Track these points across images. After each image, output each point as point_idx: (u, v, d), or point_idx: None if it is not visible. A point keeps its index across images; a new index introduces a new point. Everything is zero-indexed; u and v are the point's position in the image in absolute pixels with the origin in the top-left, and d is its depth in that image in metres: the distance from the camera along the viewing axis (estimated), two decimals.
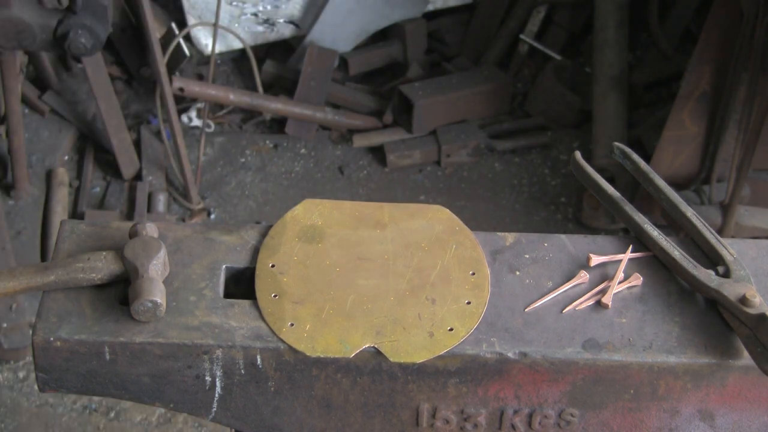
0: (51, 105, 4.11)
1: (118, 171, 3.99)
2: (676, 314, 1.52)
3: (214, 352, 1.46)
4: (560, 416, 1.52)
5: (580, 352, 1.47)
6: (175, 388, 1.49)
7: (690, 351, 1.47)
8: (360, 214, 1.64)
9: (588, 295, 1.54)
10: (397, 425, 1.53)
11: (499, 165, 4.23)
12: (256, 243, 1.59)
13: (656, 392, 1.49)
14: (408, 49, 4.50)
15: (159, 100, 3.92)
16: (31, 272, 1.49)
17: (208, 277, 1.54)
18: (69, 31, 2.89)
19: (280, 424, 1.53)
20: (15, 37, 2.95)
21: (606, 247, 1.61)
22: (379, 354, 1.45)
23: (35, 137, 4.05)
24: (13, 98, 3.44)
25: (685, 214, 1.63)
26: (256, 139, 4.32)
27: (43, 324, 1.46)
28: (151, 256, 1.49)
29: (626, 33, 4.22)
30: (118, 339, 1.45)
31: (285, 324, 1.47)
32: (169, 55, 4.06)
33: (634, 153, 1.70)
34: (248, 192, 4.08)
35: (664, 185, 1.67)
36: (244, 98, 4.20)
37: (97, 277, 1.50)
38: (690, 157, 3.68)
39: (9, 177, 3.79)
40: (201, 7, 4.40)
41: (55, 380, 1.48)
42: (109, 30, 2.98)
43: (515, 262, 1.59)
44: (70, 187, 3.94)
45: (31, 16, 2.92)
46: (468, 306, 1.51)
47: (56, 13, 2.95)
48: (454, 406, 1.51)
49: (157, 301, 1.44)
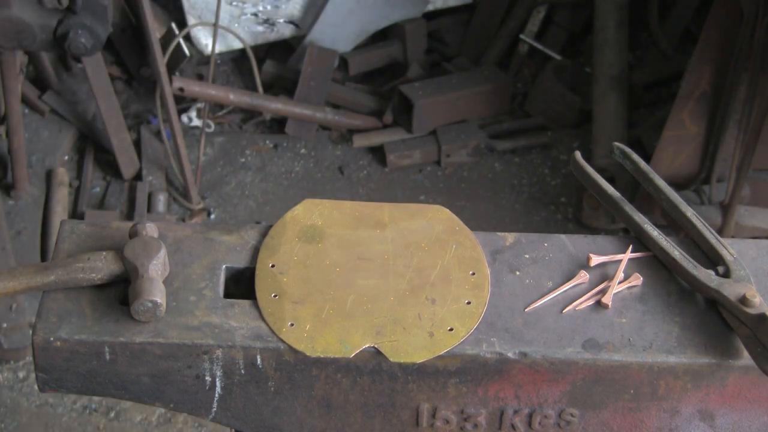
0: (51, 105, 4.11)
1: (118, 171, 3.99)
2: (676, 314, 1.52)
3: (214, 352, 1.46)
4: (560, 416, 1.52)
5: (580, 352, 1.46)
6: (175, 388, 1.49)
7: (690, 351, 1.47)
8: (360, 214, 1.64)
9: (588, 295, 1.54)
10: (397, 425, 1.53)
11: (499, 165, 4.23)
12: (256, 243, 1.59)
13: (656, 392, 1.49)
14: (408, 49, 4.50)
15: (159, 100, 3.92)
16: (31, 272, 1.49)
17: (208, 277, 1.54)
18: (69, 31, 2.89)
19: (280, 424, 1.53)
20: (15, 37, 2.95)
21: (606, 247, 1.61)
22: (379, 354, 1.45)
23: (35, 137, 4.05)
24: (13, 98, 3.44)
25: (685, 214, 1.63)
26: (256, 139, 4.32)
27: (43, 324, 1.46)
28: (151, 256, 1.49)
29: (626, 33, 4.22)
30: (118, 339, 1.45)
31: (285, 324, 1.47)
32: (169, 55, 4.06)
33: (634, 153, 1.70)
34: (248, 192, 4.08)
35: (664, 185, 1.67)
36: (244, 98, 4.20)
37: (97, 277, 1.50)
38: (690, 157, 3.68)
39: (9, 177, 3.78)
40: (201, 7, 4.40)
41: (55, 380, 1.48)
42: (109, 30, 2.98)
43: (515, 262, 1.59)
44: (70, 187, 3.94)
45: (31, 16, 2.92)
46: (468, 306, 1.51)
47: (56, 13, 2.95)
48: (454, 406, 1.51)
49: (157, 301, 1.44)
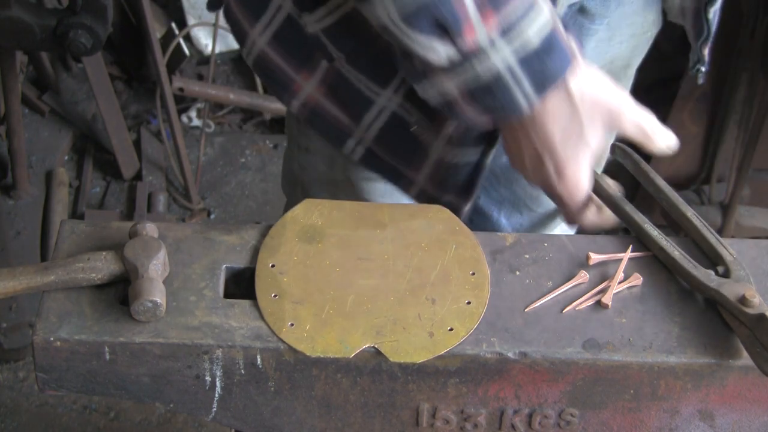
0: (51, 105, 4.11)
1: (118, 171, 3.99)
2: (676, 314, 1.52)
3: (214, 352, 1.45)
4: (560, 416, 1.52)
5: (580, 352, 1.46)
6: (175, 388, 1.49)
7: (690, 351, 1.47)
8: (360, 214, 1.64)
9: (588, 295, 1.54)
10: (397, 425, 1.53)
11: None
12: (256, 243, 1.59)
13: (656, 392, 1.49)
14: None
15: (159, 100, 3.92)
16: (31, 272, 1.49)
17: (208, 277, 1.54)
18: (69, 31, 2.89)
19: (280, 424, 1.53)
20: (15, 37, 2.95)
21: (606, 247, 1.61)
22: (379, 354, 1.45)
23: (35, 137, 4.05)
24: (13, 98, 3.44)
25: (685, 214, 1.63)
26: (256, 139, 4.32)
27: (43, 324, 1.46)
28: (151, 256, 1.49)
29: None
30: (118, 339, 1.45)
31: (285, 324, 1.47)
32: (169, 55, 4.06)
33: (634, 153, 1.70)
34: (248, 192, 4.08)
35: (665, 185, 1.67)
36: (244, 98, 4.21)
37: (97, 277, 1.50)
38: (690, 157, 3.68)
39: (9, 177, 3.79)
40: (201, 7, 4.40)
41: (55, 380, 1.48)
42: (109, 30, 2.98)
43: (515, 262, 1.59)
44: (70, 187, 3.94)
45: (31, 16, 2.92)
46: (468, 306, 1.51)
47: (56, 13, 2.95)
48: (454, 406, 1.51)
49: (157, 301, 1.44)
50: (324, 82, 1.73)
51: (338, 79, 1.71)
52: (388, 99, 1.68)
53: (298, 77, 1.74)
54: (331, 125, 1.77)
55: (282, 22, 1.71)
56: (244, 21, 1.78)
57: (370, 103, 1.70)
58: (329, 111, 1.75)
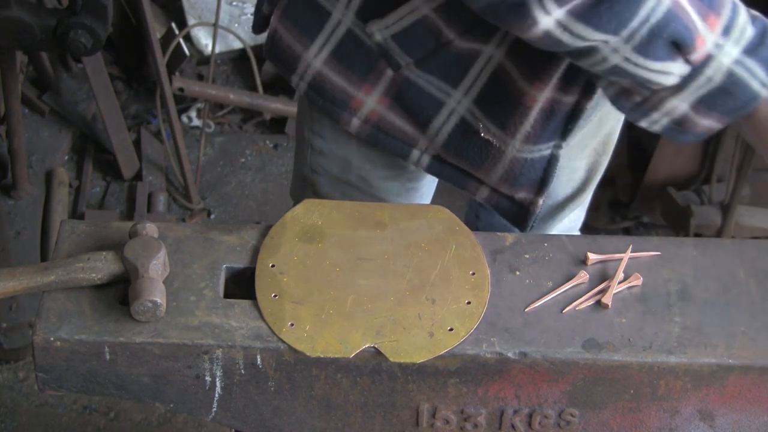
0: (51, 105, 4.11)
1: (118, 171, 3.99)
2: (676, 314, 1.52)
3: (214, 352, 1.46)
4: (560, 416, 1.52)
5: (580, 352, 1.47)
6: (175, 388, 1.49)
7: (690, 351, 1.47)
8: (360, 214, 1.64)
9: (588, 295, 1.54)
10: (397, 425, 1.53)
11: None
12: (256, 243, 1.59)
13: (656, 392, 1.49)
14: None
15: (159, 100, 3.92)
16: (31, 272, 1.49)
17: (208, 277, 1.54)
18: (69, 31, 2.89)
19: (280, 424, 1.53)
20: (15, 37, 2.95)
21: (606, 247, 1.61)
22: (379, 354, 1.45)
23: (35, 137, 4.04)
24: (13, 98, 3.43)
25: None
26: (256, 139, 4.31)
27: (43, 324, 1.46)
28: (151, 256, 1.49)
29: None
30: (118, 339, 1.45)
31: (285, 324, 1.47)
32: (169, 55, 4.06)
33: None
34: (248, 192, 4.08)
35: None
36: (244, 98, 4.20)
37: (97, 277, 1.50)
38: (690, 157, 3.67)
39: (9, 177, 3.78)
40: (201, 7, 4.40)
41: (55, 380, 1.48)
42: (109, 30, 2.98)
43: (515, 262, 1.59)
44: (70, 187, 3.94)
45: (31, 16, 2.92)
46: (468, 306, 1.51)
47: (56, 13, 2.95)
48: (454, 406, 1.51)
49: (157, 301, 1.44)
50: (388, 93, 1.70)
51: (405, 87, 1.69)
52: (457, 101, 1.66)
53: (358, 92, 1.71)
54: (395, 138, 1.75)
55: (341, 37, 1.69)
56: (297, 45, 1.74)
57: (440, 105, 1.69)
58: (393, 123, 1.73)
